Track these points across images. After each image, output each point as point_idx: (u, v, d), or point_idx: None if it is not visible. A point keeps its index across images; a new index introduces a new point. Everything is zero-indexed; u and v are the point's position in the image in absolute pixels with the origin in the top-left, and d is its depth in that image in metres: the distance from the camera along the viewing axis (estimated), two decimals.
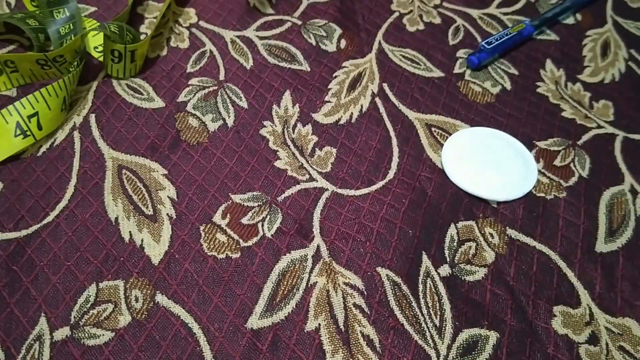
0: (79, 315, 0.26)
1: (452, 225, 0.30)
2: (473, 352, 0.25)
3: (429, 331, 0.26)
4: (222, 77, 0.37)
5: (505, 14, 0.42)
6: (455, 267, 0.28)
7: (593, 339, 0.26)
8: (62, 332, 0.25)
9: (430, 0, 0.43)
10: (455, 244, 0.29)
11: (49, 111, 0.32)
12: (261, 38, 0.39)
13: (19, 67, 0.34)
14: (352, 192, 0.31)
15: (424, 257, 0.28)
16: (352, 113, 0.35)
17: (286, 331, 0.26)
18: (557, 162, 0.33)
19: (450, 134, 0.34)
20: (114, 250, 0.28)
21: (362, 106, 0.35)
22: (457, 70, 0.38)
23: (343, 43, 0.39)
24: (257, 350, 0.25)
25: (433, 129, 0.34)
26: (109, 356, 0.25)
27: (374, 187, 0.31)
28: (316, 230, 0.29)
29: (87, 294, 0.27)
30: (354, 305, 0.27)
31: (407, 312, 0.27)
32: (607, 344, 0.26)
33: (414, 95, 0.36)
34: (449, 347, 0.26)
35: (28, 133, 0.31)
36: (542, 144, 0.34)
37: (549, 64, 0.38)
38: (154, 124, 0.34)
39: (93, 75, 0.36)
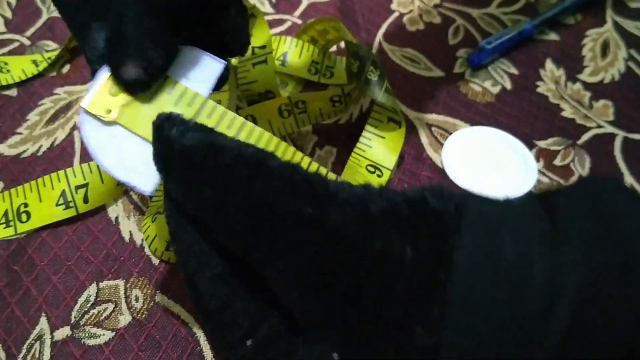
0: (80, 315, 0.26)
1: None
2: None
3: None
4: None
5: (505, 13, 0.42)
6: None
7: None
8: (63, 332, 0.25)
9: (430, 0, 0.43)
10: None
11: (101, 184, 0.29)
12: None
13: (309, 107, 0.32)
14: None
15: None
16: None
17: None
18: (557, 161, 0.33)
19: (450, 134, 0.34)
20: (114, 250, 0.28)
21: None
22: (457, 70, 0.38)
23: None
24: None
25: (433, 128, 0.34)
26: (109, 356, 0.25)
27: None
28: None
29: (87, 294, 0.27)
30: None
31: None
32: None
33: (414, 95, 0.36)
34: None
35: (71, 205, 0.28)
36: (542, 144, 0.34)
37: (549, 63, 0.39)
38: None
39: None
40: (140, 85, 0.18)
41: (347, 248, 0.15)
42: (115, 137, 0.18)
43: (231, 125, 0.18)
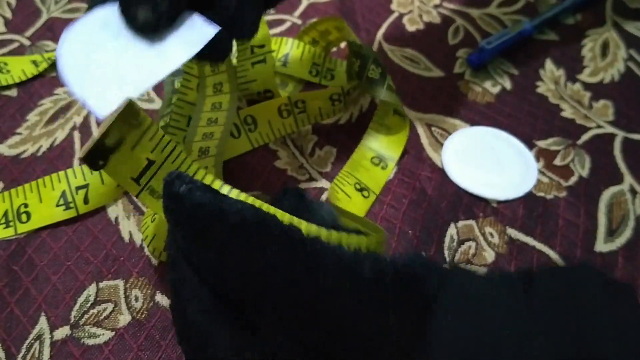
0: (79, 315, 0.26)
1: (452, 225, 0.30)
2: None
3: None
4: None
5: (505, 14, 0.42)
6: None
7: None
8: (62, 332, 0.25)
9: (430, 0, 0.43)
10: (455, 243, 0.29)
11: (102, 185, 0.29)
12: None
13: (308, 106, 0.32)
14: None
15: None
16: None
17: None
18: (557, 161, 0.33)
19: (450, 134, 0.34)
20: (114, 250, 0.28)
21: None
22: (457, 70, 0.38)
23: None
24: None
25: (433, 128, 0.34)
26: (108, 355, 0.25)
27: None
28: None
29: (87, 294, 0.27)
30: None
31: None
32: None
33: (414, 95, 0.36)
34: None
35: (71, 205, 0.28)
36: (542, 144, 0.34)
37: (549, 64, 0.39)
38: None
39: None
40: (149, 26, 0.18)
41: (335, 310, 0.17)
42: (94, 45, 0.17)
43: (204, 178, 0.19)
